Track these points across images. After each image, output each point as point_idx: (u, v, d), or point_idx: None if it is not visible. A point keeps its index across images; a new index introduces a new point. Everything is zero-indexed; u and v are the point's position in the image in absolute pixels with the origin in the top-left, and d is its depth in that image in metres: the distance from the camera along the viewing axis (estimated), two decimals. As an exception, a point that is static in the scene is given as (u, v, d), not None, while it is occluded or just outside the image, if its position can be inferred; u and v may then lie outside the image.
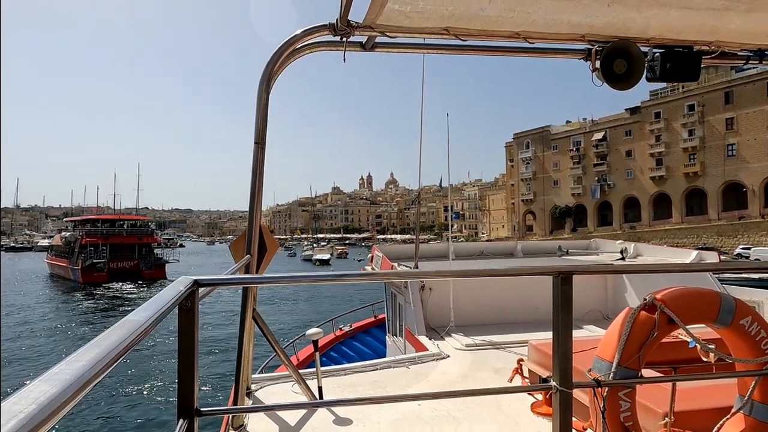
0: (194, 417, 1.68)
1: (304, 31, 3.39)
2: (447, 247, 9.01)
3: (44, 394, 0.69)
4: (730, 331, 2.68)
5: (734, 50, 3.62)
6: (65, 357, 0.86)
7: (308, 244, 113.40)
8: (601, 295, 7.58)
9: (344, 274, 2.12)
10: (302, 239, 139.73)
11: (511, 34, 3.25)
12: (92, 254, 48.75)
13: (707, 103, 65.39)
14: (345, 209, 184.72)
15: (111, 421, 13.30)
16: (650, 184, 71.92)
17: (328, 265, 69.84)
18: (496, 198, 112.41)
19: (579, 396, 3.09)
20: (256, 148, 3.66)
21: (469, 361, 5.37)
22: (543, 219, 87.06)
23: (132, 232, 53.06)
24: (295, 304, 33.29)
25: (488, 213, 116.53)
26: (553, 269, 2.05)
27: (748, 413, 2.66)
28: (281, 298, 34.84)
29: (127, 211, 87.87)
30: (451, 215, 10.98)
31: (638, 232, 71.95)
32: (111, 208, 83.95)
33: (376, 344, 11.17)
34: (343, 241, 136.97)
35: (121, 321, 1.14)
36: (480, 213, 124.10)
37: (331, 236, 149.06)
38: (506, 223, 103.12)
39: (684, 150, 67.71)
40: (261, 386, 4.38)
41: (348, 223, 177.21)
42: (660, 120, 70.51)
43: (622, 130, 76.20)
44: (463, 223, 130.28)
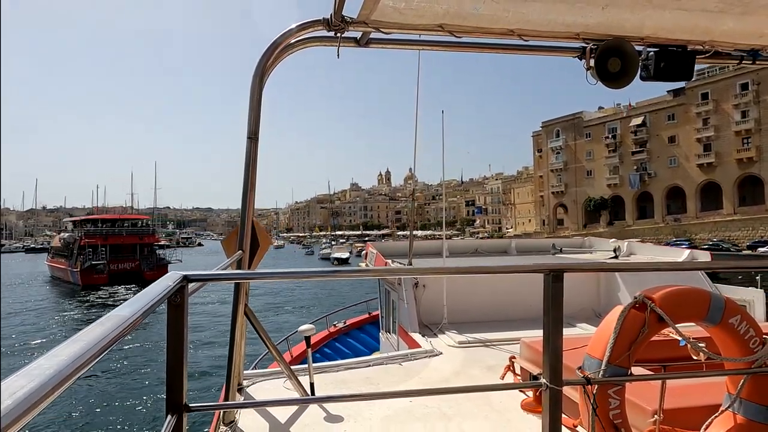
0: (183, 412, 1.67)
1: (298, 26, 3.40)
2: (441, 245, 9.04)
3: (21, 389, 0.68)
4: (719, 330, 2.72)
5: (728, 50, 3.66)
6: (46, 352, 0.86)
7: (327, 242, 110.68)
8: (593, 293, 7.65)
9: (337, 270, 2.21)
10: (321, 237, 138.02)
11: (506, 32, 3.28)
12: (91, 255, 46.87)
13: (763, 81, 59.01)
14: (364, 205, 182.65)
15: (98, 416, 13.16)
16: (697, 172, 65.82)
17: (347, 263, 65.93)
18: (522, 191, 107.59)
19: (569, 393, 3.13)
20: (248, 143, 3.66)
21: (461, 358, 5.39)
22: (575, 212, 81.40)
23: (132, 232, 51.40)
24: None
25: (513, 207, 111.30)
26: (545, 267, 2.07)
27: (736, 411, 2.69)
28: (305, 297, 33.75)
29: (147, 210, 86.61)
30: (443, 213, 9.59)
31: (684, 225, 65.92)
32: (134, 208, 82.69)
33: (370, 341, 11.14)
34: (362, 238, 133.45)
35: (106, 316, 1.13)
36: (504, 207, 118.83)
37: (350, 233, 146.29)
38: (533, 217, 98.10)
39: (736, 133, 61.67)
40: (252, 382, 4.36)
41: (367, 219, 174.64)
42: (708, 101, 64.41)
43: (664, 114, 69.94)
44: (485, 218, 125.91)
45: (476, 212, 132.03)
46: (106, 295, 39.97)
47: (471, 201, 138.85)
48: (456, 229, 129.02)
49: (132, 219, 56.10)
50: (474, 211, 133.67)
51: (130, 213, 70.67)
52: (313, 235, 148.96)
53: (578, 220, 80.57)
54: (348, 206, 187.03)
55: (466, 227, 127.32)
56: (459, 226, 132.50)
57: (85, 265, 45.71)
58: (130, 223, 53.42)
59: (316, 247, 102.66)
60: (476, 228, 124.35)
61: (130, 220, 54.71)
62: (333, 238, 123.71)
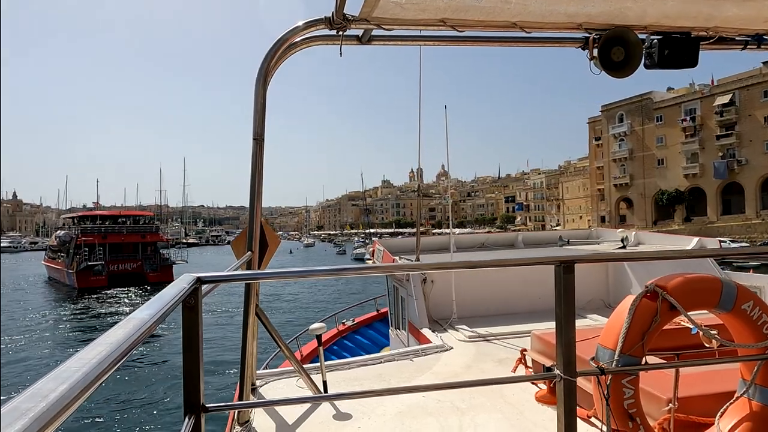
0: (200, 413, 1.70)
1: (299, 26, 3.41)
2: (448, 240, 8.87)
3: (53, 391, 0.71)
4: (732, 317, 2.71)
5: (732, 35, 3.63)
6: (72, 354, 0.88)
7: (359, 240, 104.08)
8: (602, 284, 7.60)
9: (345, 268, 2.12)
10: (353, 234, 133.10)
11: (508, 24, 3.26)
12: (88, 255, 42.06)
13: None
14: (396, 202, 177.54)
15: (119, 418, 13.42)
16: (802, 158, 54.89)
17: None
18: (572, 185, 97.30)
19: (583, 384, 3.14)
20: (254, 145, 3.66)
21: (472, 353, 5.40)
22: (643, 207, 71.18)
23: (134, 229, 46.56)
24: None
25: (562, 202, 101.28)
26: (555, 259, 2.07)
27: (751, 397, 2.69)
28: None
29: (176, 209, 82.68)
30: (448, 212, 11.16)
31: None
32: (167, 206, 78.53)
33: (380, 338, 11.14)
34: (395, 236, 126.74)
35: (126, 319, 1.17)
36: (547, 203, 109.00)
37: (382, 231, 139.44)
38: (585, 213, 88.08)
39: None
40: (266, 382, 4.39)
41: (400, 217, 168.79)
42: (818, 72, 53.39)
43: (758, 90, 58.97)
44: (527, 214, 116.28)
45: (516, 209, 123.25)
46: (105, 299, 34.71)
47: (511, 197, 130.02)
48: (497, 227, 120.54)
49: (134, 215, 51.04)
50: (514, 207, 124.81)
51: (159, 210, 65.38)
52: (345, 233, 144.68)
53: (646, 216, 70.32)
54: (380, 203, 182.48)
55: (507, 225, 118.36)
56: (500, 224, 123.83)
57: (81, 266, 40.97)
58: (132, 220, 48.44)
59: (348, 246, 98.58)
60: (517, 225, 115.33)
61: (131, 217, 49.69)
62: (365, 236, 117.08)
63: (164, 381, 16.41)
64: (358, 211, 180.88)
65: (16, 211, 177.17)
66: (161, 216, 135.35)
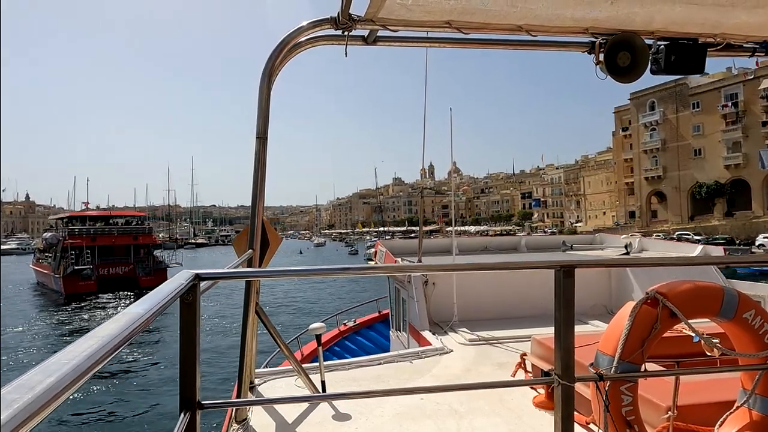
0: (196, 410, 1.69)
1: (304, 26, 3.42)
2: (450, 243, 8.96)
3: (40, 383, 0.70)
4: (733, 325, 2.69)
5: (740, 42, 3.62)
6: (62, 347, 0.87)
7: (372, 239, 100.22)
8: (605, 289, 7.62)
9: (346, 267, 2.12)
10: (364, 233, 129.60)
11: (514, 28, 3.25)
12: (75, 259, 39.12)
13: None
14: (408, 200, 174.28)
15: (113, 413, 13.37)
16: None
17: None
18: (594, 179, 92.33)
19: (582, 390, 3.11)
20: (257, 143, 3.69)
21: (472, 356, 5.38)
22: (677, 201, 66.19)
23: (125, 231, 43.80)
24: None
25: (583, 198, 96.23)
26: (555, 263, 2.06)
27: (752, 407, 2.66)
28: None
29: (186, 209, 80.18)
30: (452, 210, 10.93)
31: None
32: (179, 206, 75.81)
33: (380, 339, 11.18)
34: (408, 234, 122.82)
35: (120, 313, 1.15)
36: (566, 199, 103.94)
37: (394, 229, 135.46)
38: (610, 208, 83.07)
39: None
40: (264, 380, 4.39)
41: (412, 215, 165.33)
42: None
43: (810, 70, 53.87)
44: (544, 211, 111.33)
45: (533, 205, 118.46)
46: (94, 306, 31.86)
47: (527, 193, 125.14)
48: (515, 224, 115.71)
49: (125, 216, 48.37)
50: (531, 204, 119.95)
51: (168, 209, 62.87)
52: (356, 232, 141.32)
53: (682, 211, 65.39)
54: (391, 201, 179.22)
55: (524, 222, 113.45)
56: (517, 220, 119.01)
57: (68, 270, 37.89)
58: (123, 221, 45.81)
59: (360, 245, 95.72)
60: (535, 222, 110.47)
61: (122, 217, 47.16)
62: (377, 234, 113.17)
63: (168, 380, 15.94)
64: (369, 209, 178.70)
65: (29, 213, 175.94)
66: (171, 216, 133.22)
